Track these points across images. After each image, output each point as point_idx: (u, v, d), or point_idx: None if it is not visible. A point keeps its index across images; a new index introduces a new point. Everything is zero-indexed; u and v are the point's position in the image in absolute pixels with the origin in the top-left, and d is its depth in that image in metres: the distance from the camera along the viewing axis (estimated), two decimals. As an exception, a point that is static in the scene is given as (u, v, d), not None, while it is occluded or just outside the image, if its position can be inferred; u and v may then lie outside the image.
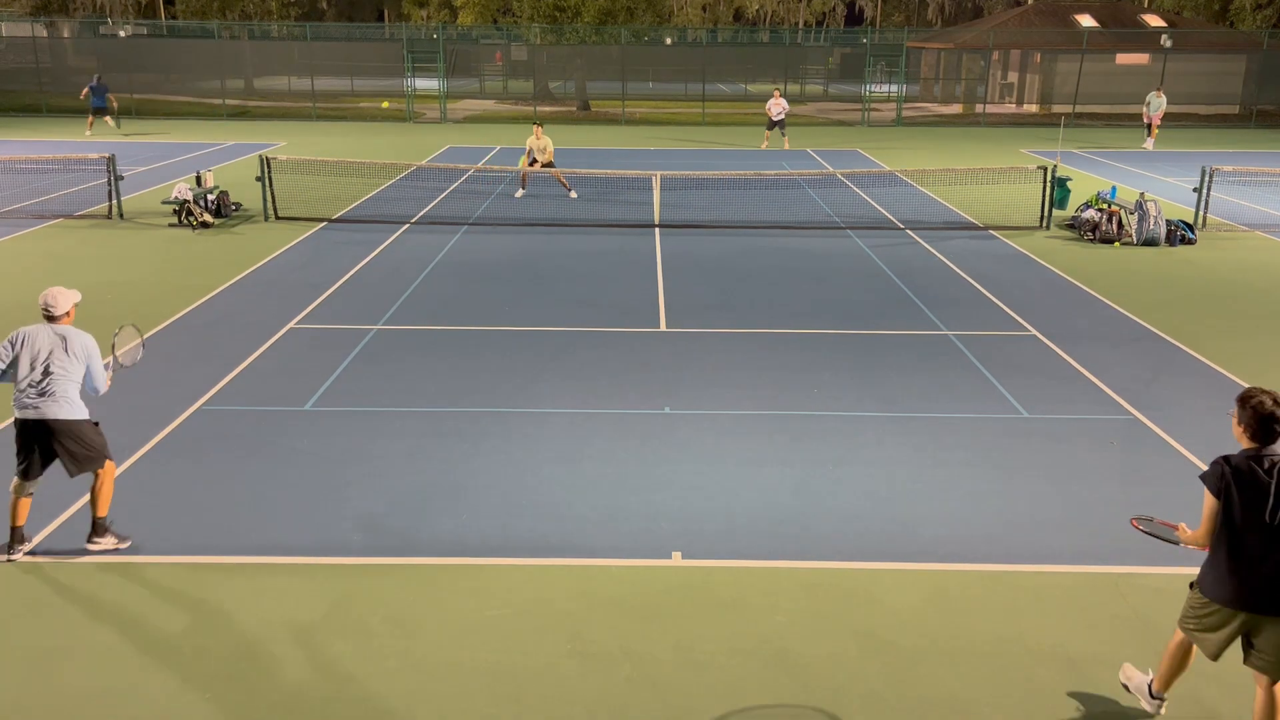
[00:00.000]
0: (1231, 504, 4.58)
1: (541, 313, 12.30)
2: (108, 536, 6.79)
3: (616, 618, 6.06)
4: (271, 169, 17.91)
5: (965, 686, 5.47)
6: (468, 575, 6.51)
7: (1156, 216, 16.66)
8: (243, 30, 48.20)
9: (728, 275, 14.27)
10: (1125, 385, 9.95)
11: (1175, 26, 41.10)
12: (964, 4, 74.53)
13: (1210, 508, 4.66)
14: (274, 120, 37.07)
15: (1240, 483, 4.56)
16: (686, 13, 67.21)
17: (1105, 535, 7.04)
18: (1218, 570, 4.69)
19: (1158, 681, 5.18)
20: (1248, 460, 4.58)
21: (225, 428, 8.73)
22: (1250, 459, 4.58)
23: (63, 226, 17.16)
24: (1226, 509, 4.60)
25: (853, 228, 17.75)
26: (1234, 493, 4.57)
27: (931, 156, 28.44)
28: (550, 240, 16.43)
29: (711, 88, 44.79)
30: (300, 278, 13.85)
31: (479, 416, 9.06)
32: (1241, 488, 4.56)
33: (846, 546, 6.91)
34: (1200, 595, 4.79)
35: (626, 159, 27.07)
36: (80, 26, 48.74)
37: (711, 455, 8.32)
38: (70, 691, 5.35)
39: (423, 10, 61.13)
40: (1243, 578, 4.61)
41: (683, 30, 58.04)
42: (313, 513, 7.29)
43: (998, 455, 8.40)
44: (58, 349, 6.57)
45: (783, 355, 10.82)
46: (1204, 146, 31.43)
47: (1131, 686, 5.34)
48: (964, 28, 51.41)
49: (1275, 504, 4.51)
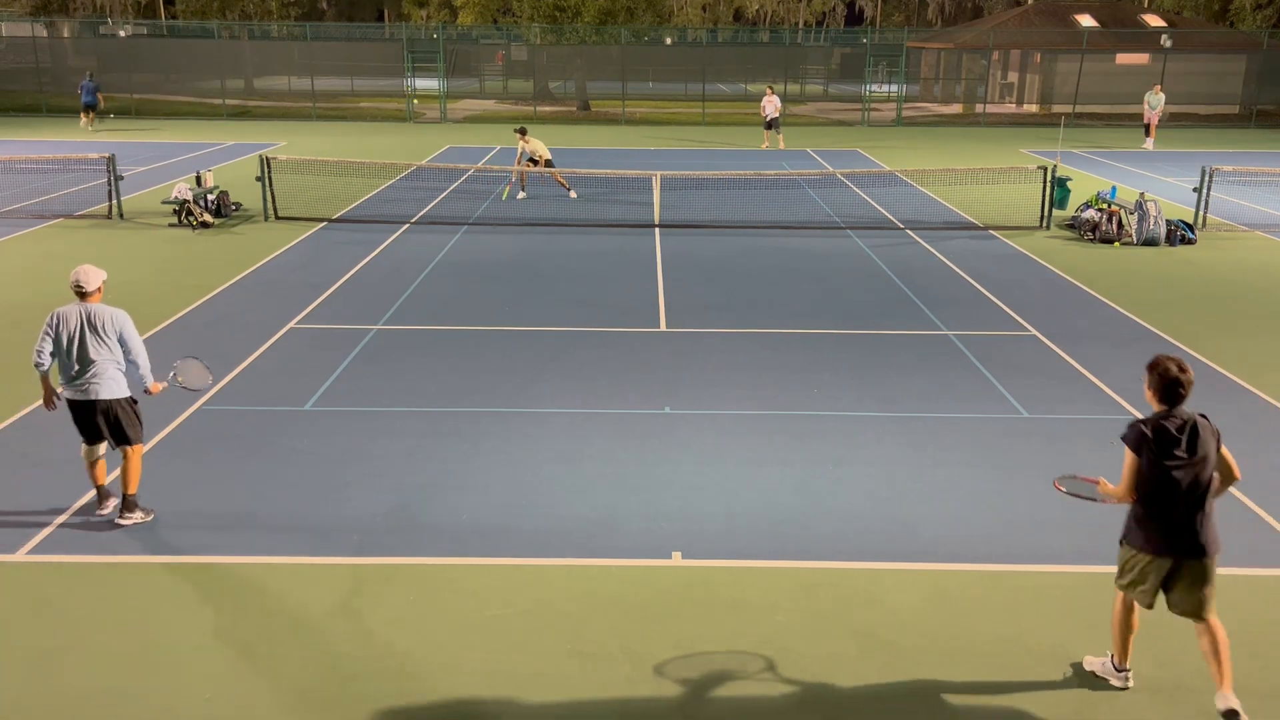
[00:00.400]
0: (1148, 460, 5.06)
1: (541, 313, 12.30)
2: (136, 511, 7.09)
3: (617, 618, 6.06)
4: (271, 169, 17.91)
5: (965, 686, 5.47)
6: (468, 575, 6.51)
7: (1156, 216, 16.66)
8: (243, 30, 48.19)
9: (728, 275, 14.27)
10: (1125, 385, 9.95)
11: (1175, 26, 41.09)
12: (964, 4, 74.53)
13: (1131, 464, 5.11)
14: (274, 120, 37.07)
15: (1156, 441, 5.04)
16: (686, 13, 67.21)
17: (1105, 535, 7.01)
18: (1140, 523, 5.18)
19: (1116, 655, 5.48)
20: (1159, 421, 5.08)
21: (225, 428, 8.73)
22: (1161, 419, 5.08)
23: (63, 226, 17.16)
24: (1144, 465, 5.07)
25: (853, 228, 17.76)
26: (1151, 450, 5.05)
27: (931, 156, 28.45)
28: (550, 240, 16.44)
29: (711, 88, 44.78)
30: (300, 278, 13.85)
31: (479, 416, 9.06)
32: (1157, 445, 5.04)
33: (846, 546, 6.91)
34: (1130, 549, 5.25)
35: (626, 159, 27.08)
36: (80, 26, 48.74)
37: (712, 455, 8.32)
38: (70, 691, 5.35)
39: (423, 10, 61.13)
40: (1161, 526, 5.10)
41: (683, 30, 58.03)
42: (313, 513, 7.29)
43: (998, 455, 8.40)
44: (87, 327, 6.83)
45: (783, 355, 10.82)
46: (1204, 146, 31.44)
47: (1099, 671, 5.54)
48: (964, 28, 51.42)
49: (1185, 458, 5.01)
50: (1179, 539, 5.08)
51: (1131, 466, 5.11)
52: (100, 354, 6.83)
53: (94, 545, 6.80)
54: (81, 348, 6.81)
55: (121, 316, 6.95)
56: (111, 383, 6.89)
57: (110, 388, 6.88)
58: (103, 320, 6.85)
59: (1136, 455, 5.09)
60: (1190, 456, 5.02)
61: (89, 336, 6.81)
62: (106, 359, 6.85)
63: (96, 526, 7.04)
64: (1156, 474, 5.05)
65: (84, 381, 6.83)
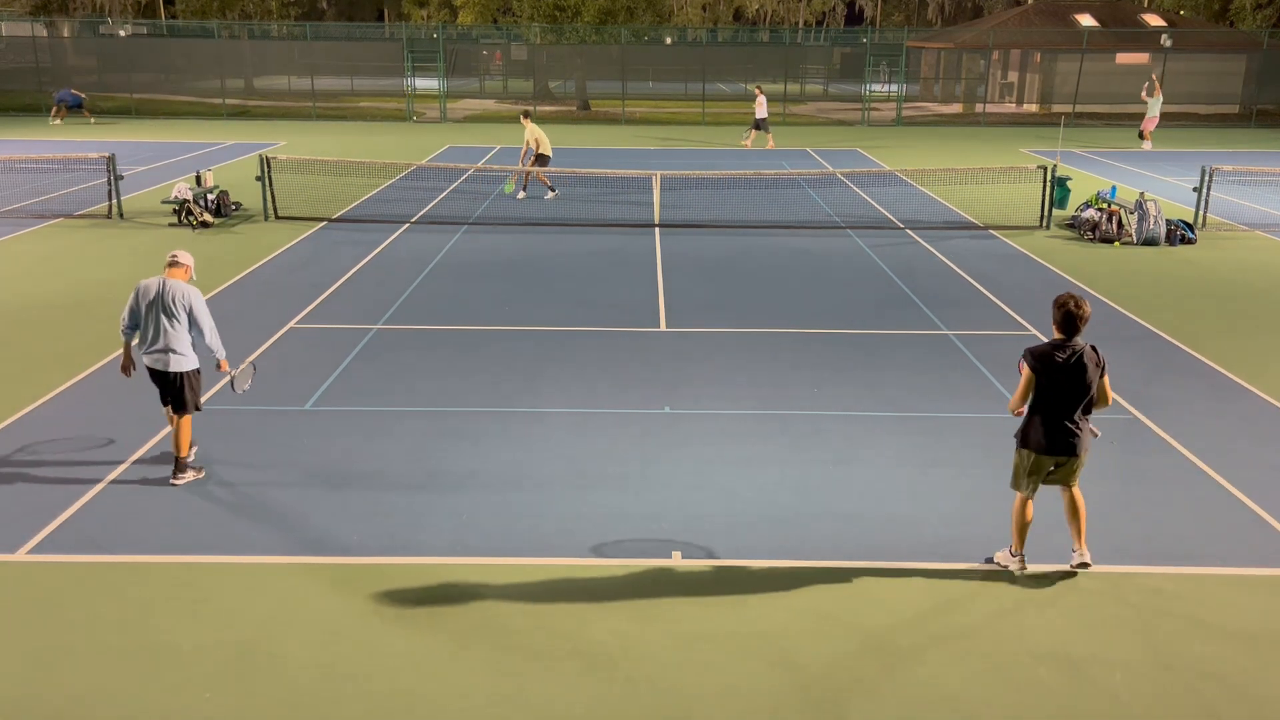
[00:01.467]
0: (1042, 380, 6.25)
1: (541, 312, 12.30)
2: (188, 471, 7.68)
3: (616, 618, 6.06)
4: (271, 168, 17.90)
5: (965, 686, 5.47)
6: (468, 575, 6.50)
7: (1156, 216, 16.66)
8: (242, 30, 48.19)
9: (728, 275, 14.27)
10: (1125, 385, 9.94)
11: (1175, 26, 41.08)
12: (964, 4, 74.51)
13: (1027, 381, 6.29)
14: (274, 120, 37.06)
15: (1047, 364, 6.23)
16: (686, 12, 67.17)
17: (1105, 535, 7.03)
18: (1034, 430, 6.36)
19: (1015, 543, 6.56)
20: (1052, 348, 6.26)
21: (225, 427, 8.72)
22: (1055, 347, 6.25)
23: (63, 226, 17.16)
24: (1039, 384, 6.26)
25: (853, 227, 17.75)
26: (1044, 372, 6.24)
27: (931, 156, 28.44)
28: (550, 240, 16.43)
29: (711, 87, 44.80)
30: (300, 277, 13.85)
31: (479, 416, 9.06)
32: (1048, 368, 6.23)
33: (846, 546, 6.91)
34: (1026, 450, 6.43)
35: (626, 158, 27.07)
36: (80, 26, 48.70)
37: (711, 455, 8.31)
38: (70, 691, 5.34)
39: (423, 10, 61.12)
40: (1049, 430, 6.30)
41: (682, 30, 58.02)
42: (312, 513, 7.29)
43: (998, 455, 8.38)
44: (162, 298, 7.44)
45: (783, 355, 10.82)
46: (1204, 146, 31.43)
47: (1000, 561, 6.62)
48: (964, 27, 51.41)
49: (1069, 378, 6.20)
50: (1064, 440, 6.30)
51: (1027, 384, 6.30)
52: (172, 326, 7.44)
53: (94, 545, 6.79)
54: (155, 319, 7.43)
55: (193, 293, 7.52)
56: (179, 355, 7.48)
57: (178, 360, 7.48)
58: (174, 295, 7.44)
59: (1035, 376, 6.26)
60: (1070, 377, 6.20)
61: (163, 307, 7.42)
62: (177, 331, 7.46)
63: (96, 526, 7.04)
64: (1048, 391, 6.26)
65: (156, 350, 7.46)
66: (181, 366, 7.49)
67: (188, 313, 7.45)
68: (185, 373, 7.51)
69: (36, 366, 10.20)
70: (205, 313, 7.55)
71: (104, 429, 8.66)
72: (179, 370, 7.48)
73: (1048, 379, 6.23)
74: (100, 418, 8.91)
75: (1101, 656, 5.73)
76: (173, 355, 7.44)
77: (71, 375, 9.93)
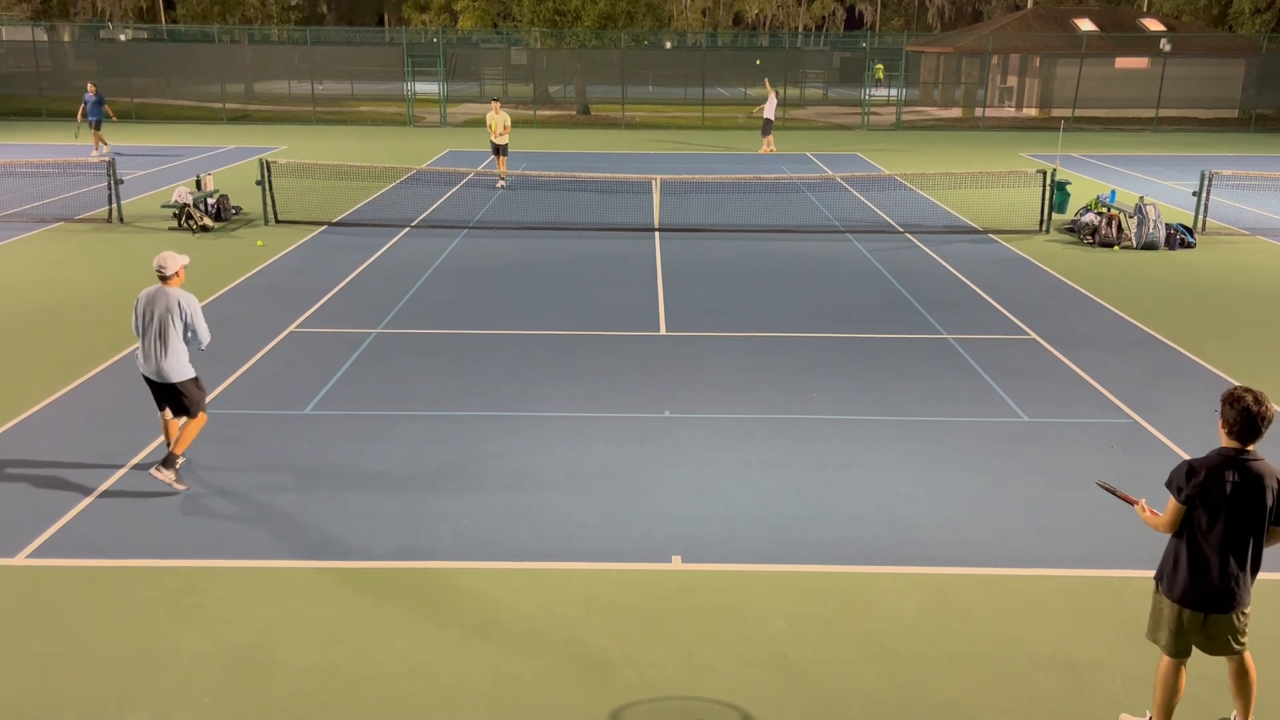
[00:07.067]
0: (1200, 512, 4.62)
1: (541, 316, 12.30)
2: (170, 472, 7.49)
3: (616, 622, 6.05)
4: (271, 173, 17.92)
5: (966, 691, 5.46)
6: (468, 579, 6.50)
7: (1156, 220, 16.67)
8: (243, 34, 48.22)
9: (727, 279, 14.27)
10: (1125, 389, 9.95)
11: (1174, 31, 41.13)
12: (963, 8, 74.60)
13: (1175, 514, 4.70)
14: (274, 124, 37.09)
15: (1210, 491, 4.57)
16: (686, 17, 67.25)
17: (1105, 539, 7.03)
18: (1180, 571, 4.74)
19: (1157, 715, 5.01)
20: (1222, 465, 4.59)
21: (225, 431, 8.72)
22: (1226, 463, 4.60)
23: (63, 230, 17.17)
24: (1191, 515, 4.66)
25: (852, 231, 17.76)
26: (1204, 504, 4.59)
27: (931, 160, 28.46)
28: (550, 244, 16.44)
29: (711, 92, 44.82)
30: (300, 281, 13.85)
31: (479, 420, 9.06)
32: (1209, 496, 4.57)
33: (847, 550, 6.91)
34: (1169, 600, 4.82)
35: (626, 163, 27.08)
36: (80, 31, 48.78)
37: (711, 459, 8.31)
38: (70, 696, 5.34)
39: (423, 14, 61.19)
40: (1198, 580, 4.69)
41: (682, 34, 58.05)
42: (312, 516, 7.28)
43: (998, 459, 8.40)
44: (160, 308, 7.39)
45: (783, 359, 10.82)
46: (1203, 150, 31.45)
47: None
48: (963, 32, 51.47)
49: (1237, 508, 4.56)
50: (1215, 593, 4.68)
51: (1172, 515, 4.71)
52: (169, 338, 7.39)
53: (94, 549, 6.79)
54: (153, 332, 7.39)
55: (190, 302, 7.48)
56: (178, 364, 7.45)
57: (177, 369, 7.45)
58: (176, 303, 7.40)
59: (1183, 507, 4.66)
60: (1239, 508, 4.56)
61: (161, 316, 7.37)
62: (175, 341, 7.42)
63: (95, 530, 7.04)
64: (1201, 519, 4.63)
65: (154, 361, 7.40)
66: (182, 375, 7.52)
67: (185, 323, 7.47)
68: (183, 381, 7.53)
69: (37, 371, 10.20)
70: (203, 320, 7.60)
71: (104, 433, 8.66)
72: (176, 380, 7.50)
73: (1209, 510, 4.61)
74: (100, 422, 8.91)
75: (1102, 661, 5.73)
76: (171, 364, 7.44)
77: (72, 379, 9.93)
